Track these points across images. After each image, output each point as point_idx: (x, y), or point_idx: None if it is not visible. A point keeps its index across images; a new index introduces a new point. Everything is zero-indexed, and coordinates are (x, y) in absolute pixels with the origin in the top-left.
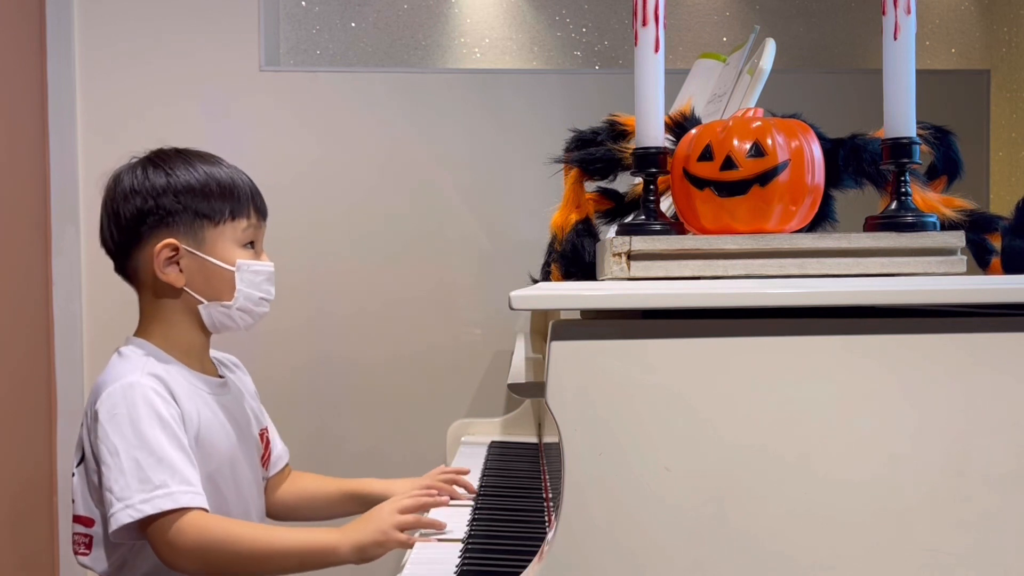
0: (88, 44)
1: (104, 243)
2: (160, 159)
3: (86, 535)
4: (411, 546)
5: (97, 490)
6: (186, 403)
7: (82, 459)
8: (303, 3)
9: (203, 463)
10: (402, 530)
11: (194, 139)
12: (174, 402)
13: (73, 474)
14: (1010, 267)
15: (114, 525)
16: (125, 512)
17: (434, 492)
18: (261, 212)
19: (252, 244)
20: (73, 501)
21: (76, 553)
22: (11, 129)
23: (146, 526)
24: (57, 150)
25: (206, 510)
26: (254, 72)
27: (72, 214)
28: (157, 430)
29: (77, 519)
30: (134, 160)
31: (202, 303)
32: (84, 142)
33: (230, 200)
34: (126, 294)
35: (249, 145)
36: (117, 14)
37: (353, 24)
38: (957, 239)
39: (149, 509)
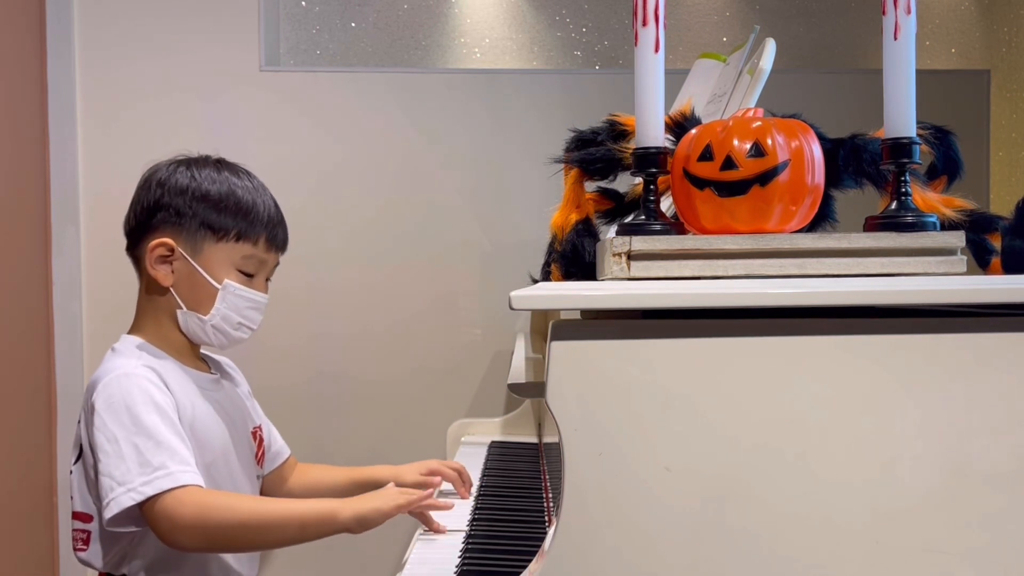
0: (88, 44)
1: (125, 223)
2: (196, 163)
3: (84, 531)
4: (410, 508)
5: (95, 484)
6: (180, 395)
7: (79, 456)
8: (303, 3)
9: (198, 455)
10: (405, 505)
11: (194, 139)
12: (168, 392)
13: (71, 471)
14: (1010, 267)
15: (114, 509)
16: (127, 495)
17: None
18: (275, 244)
19: (251, 274)
20: (72, 498)
21: (75, 549)
22: (11, 129)
23: (142, 507)
24: (57, 150)
25: (202, 487)
26: (254, 72)
27: (72, 214)
28: (154, 415)
29: (76, 515)
30: (178, 157)
31: (181, 308)
32: (84, 142)
33: (242, 221)
34: (126, 294)
35: (249, 145)
36: (117, 14)
37: (353, 24)
38: (957, 239)
39: (150, 490)
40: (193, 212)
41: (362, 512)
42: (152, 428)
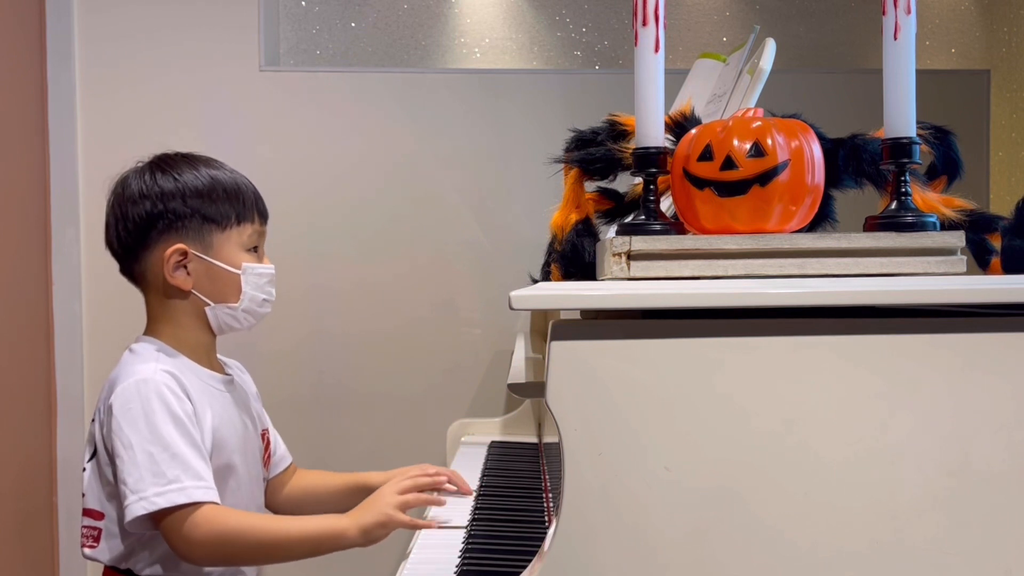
0: (88, 45)
1: (110, 245)
2: (167, 163)
3: (95, 528)
4: (415, 527)
5: (108, 484)
6: (198, 399)
7: (94, 454)
8: (303, 3)
9: (213, 457)
10: (404, 510)
11: (194, 139)
12: (187, 399)
13: (84, 469)
14: (1010, 267)
15: (128, 516)
16: (139, 504)
17: (431, 473)
18: (263, 216)
19: (255, 248)
20: (84, 495)
21: (84, 546)
22: (11, 129)
23: (159, 519)
24: (57, 151)
25: (217, 504)
26: (254, 72)
27: (72, 215)
28: (170, 426)
29: (87, 512)
30: (140, 164)
31: (209, 305)
32: (84, 143)
33: (236, 205)
34: (126, 294)
35: (249, 145)
36: (117, 15)
37: (353, 24)
38: (957, 239)
39: (163, 503)
40: (192, 211)
41: (369, 529)
42: (168, 439)
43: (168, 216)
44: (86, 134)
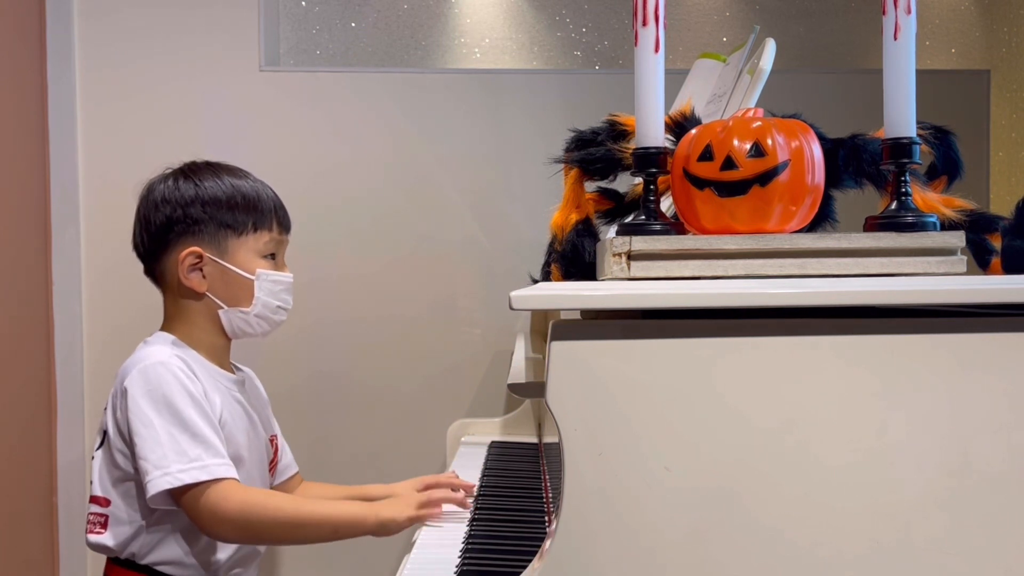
0: (88, 44)
1: (135, 248)
2: (191, 171)
3: (102, 515)
4: (429, 517)
5: (118, 469)
6: (207, 387)
7: (103, 441)
8: (303, 3)
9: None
10: (419, 521)
11: (194, 139)
12: (197, 380)
13: (93, 456)
14: (1010, 267)
15: (152, 491)
16: (164, 479)
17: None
18: (284, 226)
19: (273, 256)
20: (91, 482)
21: (90, 532)
22: (11, 130)
23: (181, 495)
24: (57, 151)
25: (238, 480)
26: (254, 72)
27: (72, 215)
28: (189, 407)
29: (94, 500)
30: (167, 171)
31: (222, 308)
32: (84, 143)
33: (254, 213)
34: (126, 294)
35: (249, 145)
36: (117, 15)
37: (353, 24)
38: (957, 239)
39: (187, 479)
40: (209, 216)
41: (384, 521)
42: (188, 420)
43: (186, 220)
44: (86, 135)
